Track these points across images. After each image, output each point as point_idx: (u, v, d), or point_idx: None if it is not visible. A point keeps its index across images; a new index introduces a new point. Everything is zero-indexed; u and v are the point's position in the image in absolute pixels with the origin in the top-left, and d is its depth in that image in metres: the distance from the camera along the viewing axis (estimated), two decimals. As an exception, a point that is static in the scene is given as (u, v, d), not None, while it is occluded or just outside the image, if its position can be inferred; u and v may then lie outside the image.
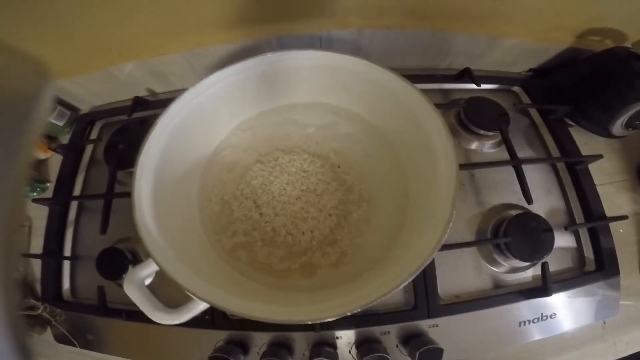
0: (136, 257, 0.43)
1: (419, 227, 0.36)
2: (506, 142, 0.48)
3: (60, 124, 0.57)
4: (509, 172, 0.47)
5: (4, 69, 0.16)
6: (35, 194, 0.52)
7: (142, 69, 0.56)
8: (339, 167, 0.44)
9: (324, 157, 0.44)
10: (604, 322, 0.45)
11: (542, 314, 0.42)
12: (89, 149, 0.55)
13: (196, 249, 0.38)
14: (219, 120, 0.42)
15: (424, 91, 0.56)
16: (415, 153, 0.39)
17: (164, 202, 0.35)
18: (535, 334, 0.43)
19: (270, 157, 0.43)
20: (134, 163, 0.44)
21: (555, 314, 0.43)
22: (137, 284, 0.31)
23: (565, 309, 0.43)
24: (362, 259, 0.39)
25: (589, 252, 0.46)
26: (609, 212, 0.47)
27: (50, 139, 0.57)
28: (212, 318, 0.42)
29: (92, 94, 0.60)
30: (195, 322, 0.35)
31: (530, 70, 0.62)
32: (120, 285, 0.43)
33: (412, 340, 0.39)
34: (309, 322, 0.33)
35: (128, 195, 0.46)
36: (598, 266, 0.45)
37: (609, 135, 0.52)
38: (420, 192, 0.39)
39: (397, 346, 0.41)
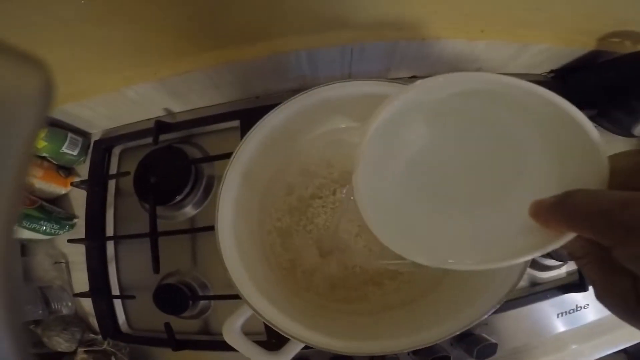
0: (192, 290, 0.42)
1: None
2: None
3: (75, 153, 0.52)
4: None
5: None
6: (64, 231, 0.48)
7: (159, 89, 0.52)
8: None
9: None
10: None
11: (576, 305, 0.47)
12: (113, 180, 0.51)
13: (265, 280, 0.36)
14: (278, 148, 0.40)
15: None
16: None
17: (241, 238, 0.33)
18: (572, 323, 0.47)
19: (328, 190, 0.42)
20: (172, 201, 0.45)
21: (588, 305, 0.47)
22: (237, 333, 0.31)
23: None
24: (414, 288, 0.39)
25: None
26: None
27: (65, 169, 0.53)
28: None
29: (102, 117, 0.55)
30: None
31: (552, 71, 0.63)
32: (181, 318, 0.44)
33: (466, 339, 0.42)
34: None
35: (174, 233, 0.44)
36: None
37: (629, 135, 0.54)
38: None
39: (451, 344, 0.43)
